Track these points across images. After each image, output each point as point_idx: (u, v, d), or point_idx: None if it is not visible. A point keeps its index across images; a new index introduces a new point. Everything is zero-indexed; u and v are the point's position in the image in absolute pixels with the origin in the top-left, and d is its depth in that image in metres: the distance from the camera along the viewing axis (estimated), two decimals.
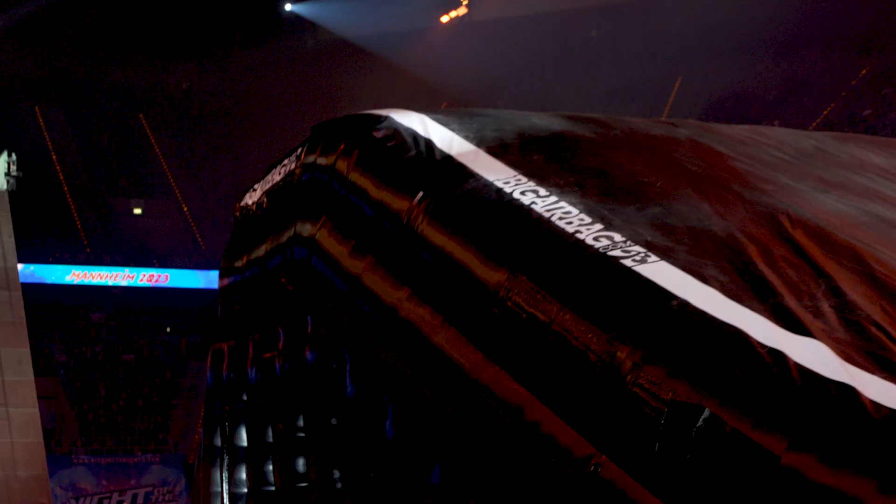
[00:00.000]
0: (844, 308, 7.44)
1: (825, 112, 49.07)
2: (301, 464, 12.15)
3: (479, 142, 10.20)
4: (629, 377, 7.08)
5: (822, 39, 50.53)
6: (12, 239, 34.99)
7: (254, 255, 13.29)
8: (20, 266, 35.90)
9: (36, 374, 32.59)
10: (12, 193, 35.99)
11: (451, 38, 61.28)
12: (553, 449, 7.59)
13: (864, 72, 50.72)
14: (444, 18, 63.27)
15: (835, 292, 7.64)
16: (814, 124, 46.45)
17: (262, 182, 13.39)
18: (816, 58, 51.24)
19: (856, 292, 7.65)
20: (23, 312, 33.03)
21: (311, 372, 11.51)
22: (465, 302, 8.80)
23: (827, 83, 50.69)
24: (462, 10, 63.33)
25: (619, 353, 7.25)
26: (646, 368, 7.04)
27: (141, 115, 62.54)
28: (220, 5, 59.56)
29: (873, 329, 7.17)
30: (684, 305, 7.36)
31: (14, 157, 36.12)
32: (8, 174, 35.81)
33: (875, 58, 50.50)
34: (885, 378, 6.63)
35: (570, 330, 7.67)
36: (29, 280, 44.21)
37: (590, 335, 7.52)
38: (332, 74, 61.26)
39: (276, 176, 12.86)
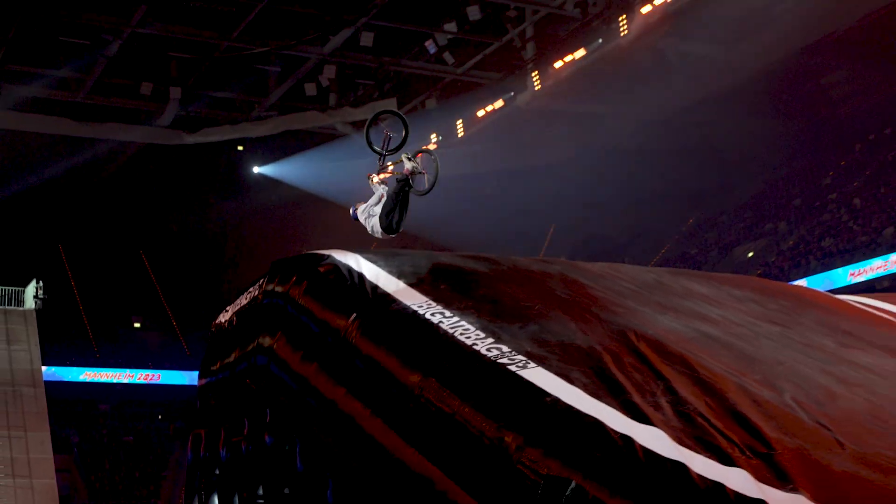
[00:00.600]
0: (677, 403, 7.48)
1: (662, 251, 49.73)
2: None
3: (400, 275, 10.22)
4: (514, 456, 7.05)
5: (659, 195, 51.22)
6: (38, 347, 34.70)
7: (226, 361, 13.13)
8: (44, 368, 35.48)
9: (54, 453, 32.02)
10: (39, 312, 36.08)
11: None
12: None
13: (690, 221, 51.59)
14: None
15: (670, 391, 7.68)
16: (653, 261, 47.00)
17: (232, 305, 13.29)
18: (655, 210, 51.94)
19: (686, 391, 7.70)
20: (45, 404, 32.61)
21: (269, 452, 11.32)
22: (389, 398, 8.72)
23: (663, 229, 51.39)
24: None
25: (506, 438, 7.21)
26: (527, 450, 7.01)
27: (141, 251, 62.07)
28: (202, 171, 59.44)
29: (699, 419, 7.22)
30: (556, 401, 7.37)
31: (41, 283, 36.40)
32: (36, 297, 36.21)
33: (699, 210, 51.41)
34: (709, 457, 6.67)
35: (468, 420, 7.63)
36: (50, 379, 43.31)
37: (484, 424, 7.48)
38: (291, 218, 61.07)
39: (243, 300, 12.78)
